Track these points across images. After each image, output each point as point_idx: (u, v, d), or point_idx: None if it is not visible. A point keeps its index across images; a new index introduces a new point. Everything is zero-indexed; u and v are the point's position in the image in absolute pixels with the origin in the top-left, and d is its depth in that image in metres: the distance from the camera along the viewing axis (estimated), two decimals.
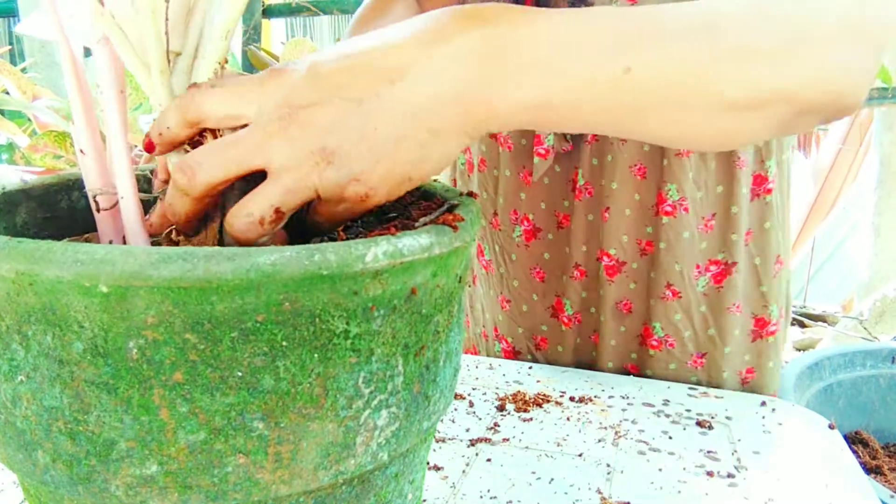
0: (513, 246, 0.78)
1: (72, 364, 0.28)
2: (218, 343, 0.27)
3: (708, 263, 0.71)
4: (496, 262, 0.80)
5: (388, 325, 0.31)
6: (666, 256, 0.70)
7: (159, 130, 0.34)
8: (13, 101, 1.42)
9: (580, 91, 0.35)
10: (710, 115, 0.39)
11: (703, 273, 0.71)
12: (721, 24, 0.38)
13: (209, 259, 0.26)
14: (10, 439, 0.30)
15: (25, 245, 0.27)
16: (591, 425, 0.63)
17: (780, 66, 0.39)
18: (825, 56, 0.41)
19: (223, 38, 0.35)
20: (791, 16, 0.40)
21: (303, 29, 5.44)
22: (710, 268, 0.71)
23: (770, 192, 0.70)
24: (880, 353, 1.42)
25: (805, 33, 0.40)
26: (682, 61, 0.37)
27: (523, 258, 0.77)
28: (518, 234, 0.76)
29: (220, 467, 0.29)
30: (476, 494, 0.52)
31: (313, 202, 0.35)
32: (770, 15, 0.39)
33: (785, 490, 0.53)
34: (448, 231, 0.33)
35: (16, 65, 2.07)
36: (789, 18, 0.40)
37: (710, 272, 0.71)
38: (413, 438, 0.35)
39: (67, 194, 0.43)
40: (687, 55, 0.37)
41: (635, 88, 0.36)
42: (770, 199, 0.70)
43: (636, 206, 0.70)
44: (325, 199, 0.34)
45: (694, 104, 0.38)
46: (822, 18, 0.41)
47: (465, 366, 0.76)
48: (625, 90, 0.36)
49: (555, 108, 0.36)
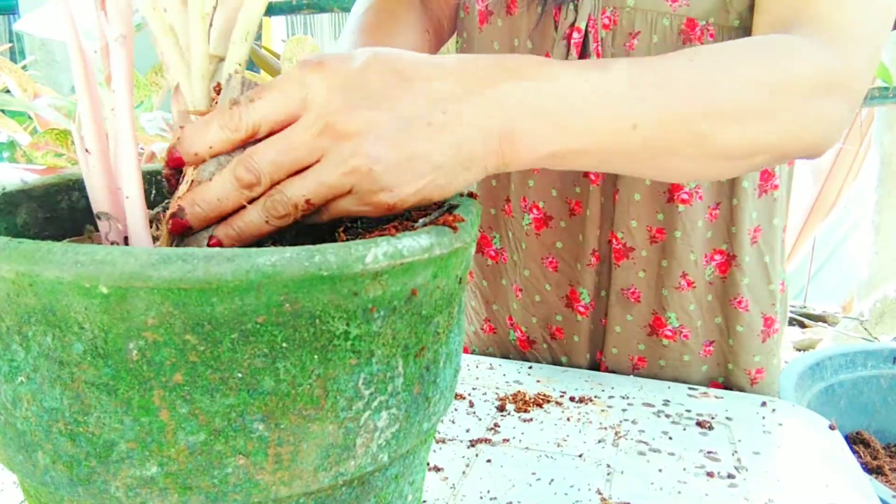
0: (522, 234, 0.77)
1: (72, 365, 0.28)
2: (218, 344, 0.27)
3: (713, 253, 0.71)
4: (510, 250, 0.79)
5: (389, 326, 0.31)
6: (682, 245, 0.70)
7: (195, 150, 0.35)
8: (14, 99, 1.42)
9: (592, 142, 0.41)
10: (705, 162, 0.47)
11: (709, 262, 0.71)
12: (717, 84, 0.45)
13: (209, 260, 0.26)
14: (10, 440, 0.30)
15: (25, 246, 0.27)
16: (591, 426, 0.63)
17: (765, 124, 0.47)
18: (802, 112, 0.49)
19: (243, 39, 0.35)
20: (774, 79, 0.47)
21: (303, 27, 5.44)
22: (714, 257, 0.71)
23: (777, 189, 0.70)
24: (881, 354, 1.42)
25: (785, 94, 0.47)
26: (683, 119, 0.44)
27: (534, 247, 0.76)
28: (527, 222, 0.75)
29: (220, 468, 0.29)
30: (476, 495, 0.52)
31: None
32: (757, 78, 0.46)
33: (785, 490, 0.53)
34: (448, 232, 0.33)
35: (16, 62, 2.07)
36: (773, 81, 0.47)
37: (714, 261, 0.71)
38: (413, 439, 0.35)
39: (68, 195, 0.43)
40: (686, 113, 0.44)
41: (641, 142, 0.43)
42: (777, 196, 0.71)
43: (647, 191, 0.69)
44: (348, 199, 0.36)
45: (692, 154, 0.46)
46: (799, 80, 0.48)
47: (465, 366, 0.76)
48: (632, 143, 0.43)
49: (570, 156, 0.42)
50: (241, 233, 0.36)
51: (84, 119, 0.35)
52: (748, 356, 0.73)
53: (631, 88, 0.42)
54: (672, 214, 0.69)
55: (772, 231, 0.71)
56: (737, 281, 0.71)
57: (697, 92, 0.44)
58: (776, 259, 0.72)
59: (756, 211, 0.70)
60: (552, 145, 0.40)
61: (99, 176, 0.36)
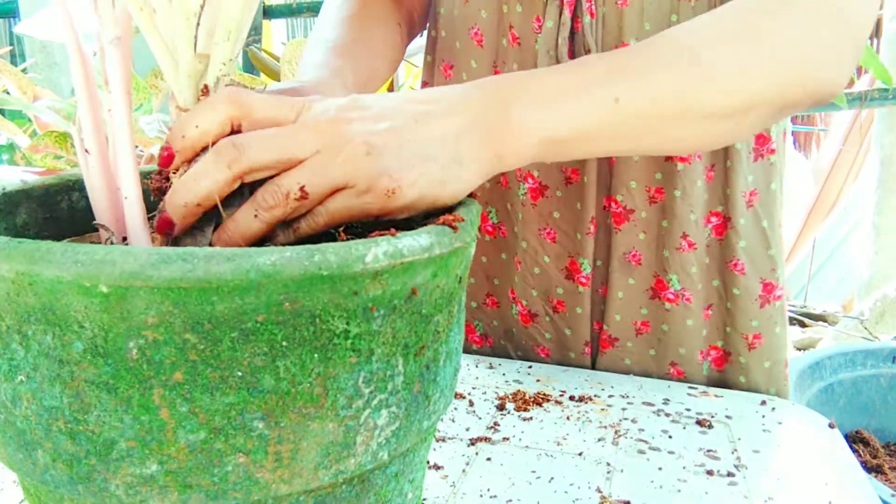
0: (518, 205, 0.75)
1: (72, 364, 0.28)
2: (218, 343, 0.27)
3: (709, 214, 0.71)
4: (508, 223, 0.78)
5: (389, 325, 0.31)
6: (682, 205, 0.69)
7: (183, 132, 0.35)
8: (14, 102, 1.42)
9: (580, 124, 0.43)
10: (699, 125, 0.47)
11: (707, 224, 0.71)
12: (697, 47, 0.46)
13: (209, 259, 0.26)
14: (10, 439, 0.30)
15: (25, 245, 0.27)
16: (590, 424, 0.63)
17: (755, 76, 0.46)
18: (800, 53, 0.47)
19: (226, 38, 0.35)
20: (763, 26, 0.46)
21: (303, 29, 5.44)
22: (710, 219, 0.71)
23: (774, 153, 0.70)
24: (881, 353, 1.42)
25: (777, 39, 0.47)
26: (664, 86, 0.44)
27: (531, 218, 0.75)
28: (523, 191, 0.74)
29: (220, 466, 0.29)
30: (476, 493, 0.52)
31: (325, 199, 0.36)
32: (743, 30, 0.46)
33: (785, 489, 0.53)
34: (448, 231, 0.33)
35: (16, 65, 2.07)
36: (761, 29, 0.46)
37: (710, 224, 0.71)
38: (413, 438, 0.35)
39: (68, 195, 0.43)
40: (669, 80, 0.45)
41: (626, 114, 0.44)
42: (774, 160, 0.70)
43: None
44: (348, 190, 0.36)
45: (681, 120, 0.46)
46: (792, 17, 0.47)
47: (465, 365, 0.76)
48: (618, 118, 0.44)
49: (561, 143, 0.43)
50: (233, 236, 0.35)
51: (83, 120, 0.35)
52: (745, 320, 0.72)
53: (608, 69, 0.44)
54: (671, 173, 0.69)
55: (770, 196, 0.70)
56: (732, 244, 0.71)
57: (680, 54, 0.45)
58: (775, 225, 0.72)
59: (752, 174, 0.69)
60: (542, 132, 0.42)
61: (98, 176, 0.36)
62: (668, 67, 0.45)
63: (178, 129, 0.35)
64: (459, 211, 0.37)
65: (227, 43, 0.35)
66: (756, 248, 0.71)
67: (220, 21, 0.35)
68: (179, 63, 0.35)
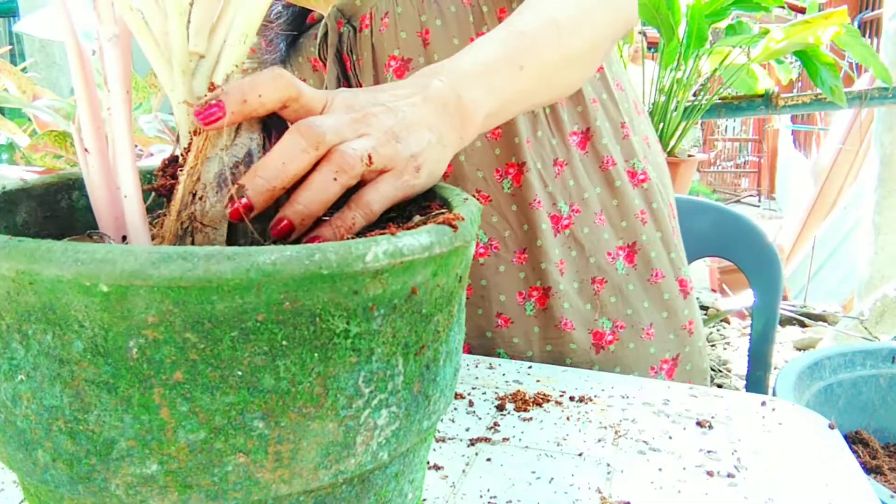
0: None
1: (72, 363, 0.28)
2: (218, 342, 0.27)
3: (617, 250, 0.83)
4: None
5: (389, 324, 0.31)
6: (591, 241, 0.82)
7: (245, 97, 0.35)
8: (13, 101, 1.42)
9: (505, 94, 0.53)
10: (570, 69, 0.62)
11: (616, 258, 0.83)
12: (559, 21, 0.59)
13: (209, 258, 0.26)
14: (9, 438, 0.30)
15: (25, 244, 0.27)
16: (590, 425, 0.63)
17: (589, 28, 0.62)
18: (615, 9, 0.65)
19: (241, 42, 0.35)
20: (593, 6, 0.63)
21: None
22: (619, 253, 0.83)
23: (646, 180, 0.84)
24: (880, 353, 1.42)
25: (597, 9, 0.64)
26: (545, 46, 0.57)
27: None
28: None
29: (220, 466, 0.29)
30: (476, 494, 0.52)
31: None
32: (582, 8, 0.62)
33: (785, 490, 0.53)
34: (448, 230, 0.33)
35: (16, 65, 2.07)
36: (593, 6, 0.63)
37: (620, 256, 0.84)
38: (413, 438, 0.35)
39: (68, 194, 0.43)
40: (549, 46, 0.58)
41: (528, 77, 0.55)
42: (647, 186, 0.84)
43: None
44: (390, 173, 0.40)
45: (561, 69, 0.60)
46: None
47: (465, 365, 0.76)
48: (525, 82, 0.55)
49: (494, 113, 0.52)
50: (310, 203, 0.36)
51: (83, 119, 0.35)
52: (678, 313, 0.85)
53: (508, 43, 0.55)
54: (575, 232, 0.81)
55: (653, 213, 0.84)
56: (650, 259, 0.83)
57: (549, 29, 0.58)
58: (668, 234, 0.85)
59: (637, 198, 0.83)
60: (485, 107, 0.50)
61: (98, 175, 0.36)
62: (543, 31, 0.57)
63: (238, 92, 0.35)
64: (460, 210, 0.37)
65: (243, 45, 0.35)
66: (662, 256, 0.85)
67: (236, 24, 0.35)
68: (173, 61, 0.35)
